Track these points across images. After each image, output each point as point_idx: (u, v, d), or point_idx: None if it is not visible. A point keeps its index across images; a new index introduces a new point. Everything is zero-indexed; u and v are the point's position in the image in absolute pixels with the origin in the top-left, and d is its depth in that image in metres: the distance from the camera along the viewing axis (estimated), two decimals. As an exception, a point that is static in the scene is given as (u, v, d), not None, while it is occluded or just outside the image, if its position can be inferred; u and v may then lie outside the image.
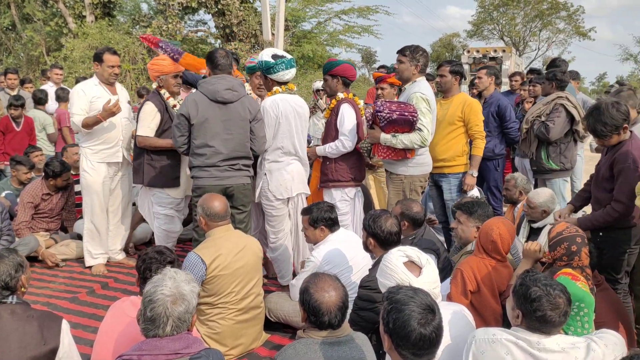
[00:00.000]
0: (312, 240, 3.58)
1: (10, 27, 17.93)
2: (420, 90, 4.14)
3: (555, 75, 5.11)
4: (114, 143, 4.66)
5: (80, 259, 5.02)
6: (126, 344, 2.45)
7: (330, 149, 4.25)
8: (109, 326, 2.63)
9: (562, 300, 2.08)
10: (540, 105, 5.11)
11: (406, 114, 4.02)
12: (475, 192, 4.83)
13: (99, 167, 4.63)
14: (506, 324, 2.57)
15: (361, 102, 4.52)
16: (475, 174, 4.58)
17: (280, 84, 4.14)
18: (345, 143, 4.19)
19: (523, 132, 5.18)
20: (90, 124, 4.48)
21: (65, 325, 2.39)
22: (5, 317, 2.25)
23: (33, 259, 4.83)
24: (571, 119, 4.94)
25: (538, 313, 2.05)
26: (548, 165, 5.03)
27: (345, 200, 4.31)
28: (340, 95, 4.31)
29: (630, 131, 3.32)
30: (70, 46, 14.82)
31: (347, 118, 4.20)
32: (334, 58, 4.64)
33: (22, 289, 2.39)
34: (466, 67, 14.03)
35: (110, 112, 4.37)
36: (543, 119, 5.00)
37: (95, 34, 15.50)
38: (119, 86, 4.81)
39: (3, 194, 5.49)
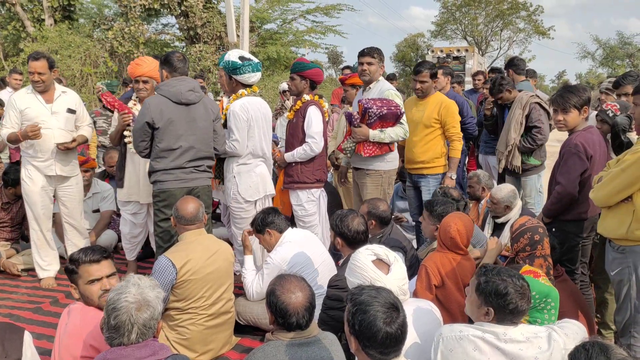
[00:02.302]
0: (267, 246, 3.61)
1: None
2: (391, 88, 4.30)
3: (502, 84, 5.23)
4: (46, 157, 4.41)
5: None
6: (63, 354, 2.38)
7: (299, 154, 4.26)
8: (55, 341, 2.52)
9: (526, 285, 2.15)
10: (517, 113, 5.07)
11: (392, 108, 4.13)
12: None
13: (35, 176, 4.43)
14: (472, 317, 2.63)
15: (326, 104, 4.55)
16: (454, 176, 4.63)
17: (245, 86, 4.13)
18: (313, 146, 4.22)
19: (504, 153, 5.10)
20: (12, 141, 4.35)
21: (27, 337, 2.32)
22: (-37, 330, 2.18)
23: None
24: (546, 114, 5.06)
25: (511, 306, 2.10)
26: (530, 163, 5.08)
27: (311, 201, 4.35)
28: (306, 97, 4.33)
29: (591, 126, 3.49)
30: (29, 50, 14.37)
31: (315, 121, 4.22)
32: (304, 58, 4.65)
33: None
34: (430, 66, 14.25)
35: (29, 137, 4.21)
36: (521, 122, 5.02)
37: (54, 37, 15.09)
38: (60, 91, 4.50)
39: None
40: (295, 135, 4.36)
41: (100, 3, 18.78)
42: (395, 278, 2.34)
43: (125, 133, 4.29)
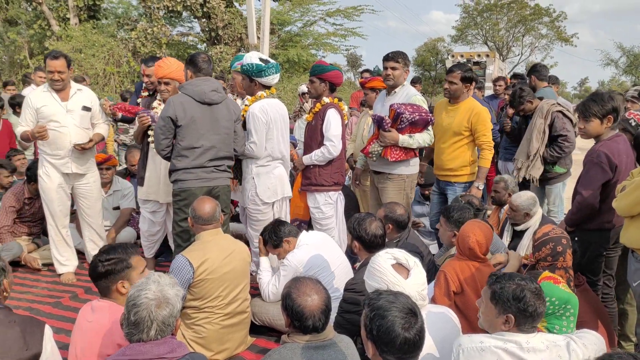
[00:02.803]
0: (286, 254, 3.57)
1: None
2: (417, 94, 4.30)
3: (522, 95, 5.15)
4: (62, 154, 4.46)
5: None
6: (89, 350, 2.41)
7: (317, 156, 4.26)
8: (74, 335, 2.57)
9: (539, 286, 2.13)
10: (538, 122, 4.99)
11: (424, 114, 4.15)
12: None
13: (52, 173, 4.49)
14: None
15: (345, 107, 4.55)
16: (481, 186, 4.46)
17: (264, 88, 4.16)
18: (331, 149, 4.22)
19: (525, 163, 5.03)
20: (24, 139, 4.44)
21: (48, 331, 2.36)
22: (-14, 322, 2.21)
23: (15, 264, 4.77)
24: (570, 121, 4.99)
25: (530, 308, 2.06)
26: (555, 171, 5.00)
27: (329, 204, 4.35)
28: (326, 99, 4.33)
29: (619, 134, 3.44)
30: (54, 49, 14.66)
31: (334, 124, 4.23)
32: (323, 61, 4.64)
33: (4, 293, 2.35)
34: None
35: (36, 138, 4.28)
36: (544, 131, 4.95)
37: (79, 36, 15.36)
38: (75, 89, 4.54)
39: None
40: (314, 137, 4.36)
41: (127, 4, 19.07)
42: (415, 283, 2.32)
43: (150, 132, 4.34)
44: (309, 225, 4.51)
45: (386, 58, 4.31)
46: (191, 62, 3.90)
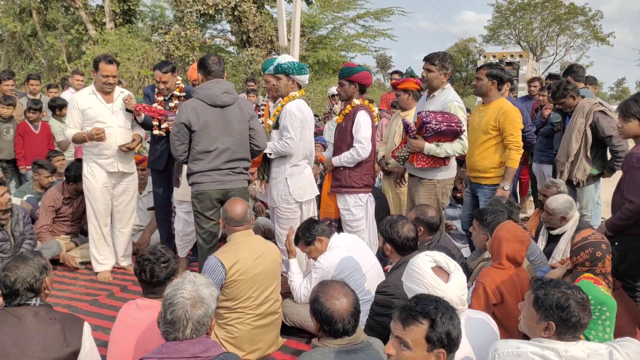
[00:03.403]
0: (317, 255, 3.58)
1: (32, 34, 18.27)
2: (456, 99, 4.11)
3: (567, 88, 5.02)
4: (109, 154, 4.60)
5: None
6: (139, 347, 2.49)
7: (346, 158, 4.26)
8: (116, 331, 2.67)
9: (586, 297, 2.07)
10: (578, 122, 4.88)
11: (453, 124, 3.96)
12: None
13: (98, 173, 4.62)
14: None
15: (376, 109, 4.53)
16: (507, 187, 4.34)
17: (298, 88, 4.25)
18: (360, 151, 4.21)
19: (566, 164, 4.93)
20: (78, 141, 4.54)
21: (86, 328, 2.42)
22: (28, 319, 2.28)
23: (54, 262, 4.90)
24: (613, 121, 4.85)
25: (573, 319, 2.02)
26: (591, 172, 4.89)
27: (359, 206, 4.34)
28: (356, 101, 4.33)
29: None
30: (91, 53, 15.05)
31: (364, 126, 4.22)
32: (351, 62, 4.63)
33: (46, 291, 2.42)
34: (483, 72, 13.97)
35: (94, 139, 4.40)
36: (584, 132, 4.83)
37: (115, 40, 15.73)
38: (118, 92, 4.69)
39: (25, 198, 5.60)
40: (344, 139, 4.36)
41: (162, 7, 19.46)
42: (456, 287, 2.27)
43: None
44: (339, 224, 4.51)
45: (424, 59, 4.23)
46: (201, 65, 3.93)
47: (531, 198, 7.20)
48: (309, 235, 3.56)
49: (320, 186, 4.78)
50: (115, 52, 15.31)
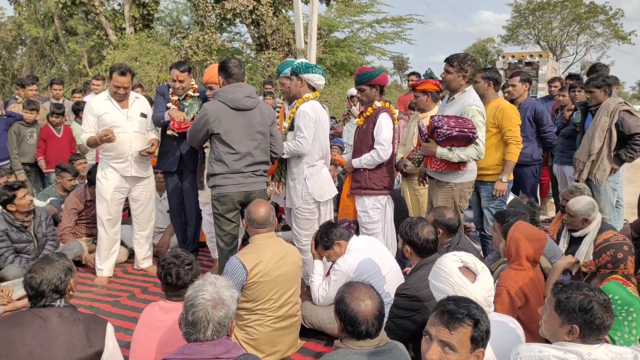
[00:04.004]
0: (336, 258, 3.57)
1: (54, 40, 18.63)
2: (475, 103, 4.05)
3: (605, 81, 4.96)
4: (124, 158, 4.66)
5: (120, 264, 5.17)
6: (160, 349, 2.53)
7: (367, 160, 4.26)
8: (140, 332, 2.71)
9: (608, 298, 2.04)
10: (602, 120, 4.82)
11: (465, 130, 3.90)
12: (510, 197, 4.76)
13: (111, 177, 4.67)
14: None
15: (397, 112, 4.52)
16: (505, 179, 4.45)
17: (311, 89, 4.22)
18: (381, 153, 4.20)
19: (587, 163, 4.87)
20: (91, 144, 4.58)
21: (109, 329, 2.45)
22: (53, 319, 2.31)
23: (76, 263, 4.97)
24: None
25: (597, 321, 1.99)
26: None
27: (377, 208, 4.32)
28: (378, 103, 4.31)
29: None
30: (111, 58, 15.28)
31: (386, 128, 4.21)
32: (367, 67, 4.62)
33: (70, 292, 2.46)
34: (501, 72, 13.84)
35: (104, 141, 4.44)
36: (608, 130, 4.78)
37: (134, 45, 15.94)
38: (134, 97, 4.75)
39: (48, 201, 5.71)
40: (365, 141, 4.35)
41: (180, 12, 19.67)
42: (483, 288, 2.26)
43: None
44: (357, 225, 4.50)
45: (445, 60, 4.20)
46: (222, 68, 3.95)
47: (552, 200, 7.11)
48: (327, 239, 3.56)
49: (339, 188, 4.78)
50: (134, 57, 15.52)
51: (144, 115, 4.78)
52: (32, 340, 2.26)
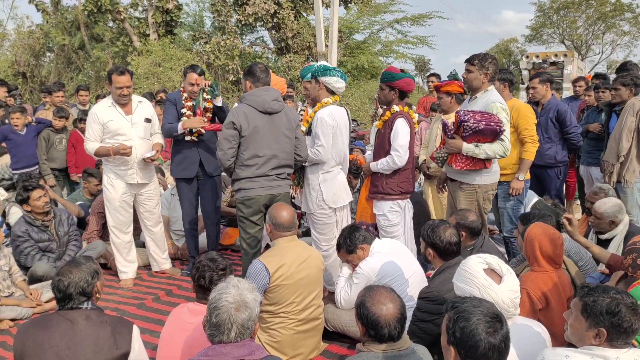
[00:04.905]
0: (359, 262, 3.56)
1: (80, 47, 19.04)
2: (499, 100, 4.02)
3: (634, 80, 4.86)
4: (129, 165, 4.65)
5: (145, 267, 5.25)
6: (186, 350, 2.57)
7: (382, 165, 4.22)
8: (168, 334, 2.76)
9: (635, 301, 2.00)
10: (628, 120, 4.72)
11: (492, 124, 3.87)
12: (533, 198, 4.69)
13: (117, 184, 4.68)
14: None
15: (416, 116, 4.44)
16: (522, 177, 4.45)
17: (330, 93, 4.18)
18: (396, 159, 4.13)
19: (616, 165, 4.79)
20: (101, 154, 4.57)
21: (136, 331, 2.49)
22: (80, 322, 2.36)
23: (103, 266, 5.07)
24: None
25: (625, 324, 1.95)
26: None
27: (395, 211, 4.26)
28: (395, 108, 4.24)
29: None
30: (135, 63, 15.54)
31: (402, 134, 4.13)
32: (394, 67, 4.54)
33: (97, 295, 2.51)
34: (525, 72, 13.65)
35: (120, 154, 4.47)
36: (636, 130, 4.68)
37: (158, 51, 16.18)
38: (137, 102, 4.70)
39: (76, 204, 5.83)
40: (382, 145, 4.32)
41: (202, 17, 19.91)
42: (509, 289, 2.24)
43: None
44: (375, 228, 4.48)
45: (465, 61, 4.17)
46: (250, 72, 3.97)
47: (578, 202, 6.98)
48: (350, 243, 3.56)
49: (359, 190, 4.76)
50: (158, 62, 15.74)
51: (148, 120, 4.76)
52: (60, 342, 2.30)
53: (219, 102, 4.84)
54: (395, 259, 3.46)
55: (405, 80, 4.25)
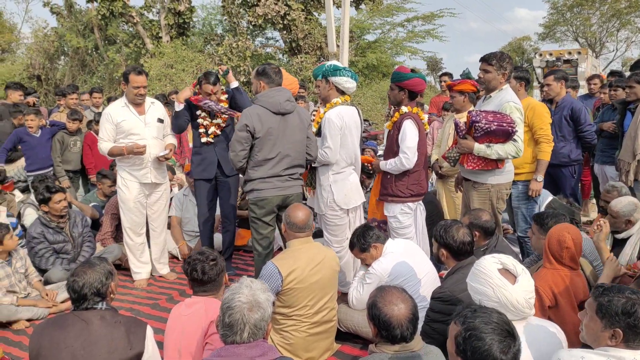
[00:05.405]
0: (372, 261, 3.55)
1: (94, 48, 19.25)
2: (513, 100, 3.97)
3: None
4: (143, 165, 4.69)
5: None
6: (180, 337, 2.71)
7: (390, 165, 4.18)
8: (168, 328, 2.86)
9: None
10: None
11: (504, 124, 3.82)
12: (548, 197, 4.65)
13: (131, 185, 4.71)
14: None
15: (425, 117, 4.39)
16: (540, 178, 4.44)
17: (340, 92, 4.16)
18: (404, 161, 4.08)
19: (633, 164, 4.70)
20: (115, 154, 4.61)
21: (149, 331, 2.50)
22: (95, 322, 2.38)
23: (117, 267, 5.10)
24: None
25: None
26: None
27: (406, 213, 4.21)
28: (404, 109, 4.19)
29: None
30: (148, 65, 15.66)
31: (409, 135, 4.07)
32: (405, 67, 4.48)
33: (112, 295, 2.53)
34: (539, 70, 13.53)
35: (135, 153, 4.52)
36: None
37: (170, 53, 16.30)
38: (149, 102, 4.78)
39: (90, 206, 5.88)
40: (391, 147, 4.28)
41: (213, 18, 20.01)
42: (523, 289, 2.22)
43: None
44: (385, 224, 4.46)
45: (480, 59, 4.10)
46: (264, 73, 3.98)
47: (594, 201, 6.91)
48: (364, 242, 3.54)
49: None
50: (170, 64, 15.85)
51: (160, 121, 4.81)
52: (75, 342, 2.32)
53: (234, 84, 4.90)
54: (408, 259, 3.45)
55: (415, 80, 4.19)
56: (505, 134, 3.85)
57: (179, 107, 4.80)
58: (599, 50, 35.60)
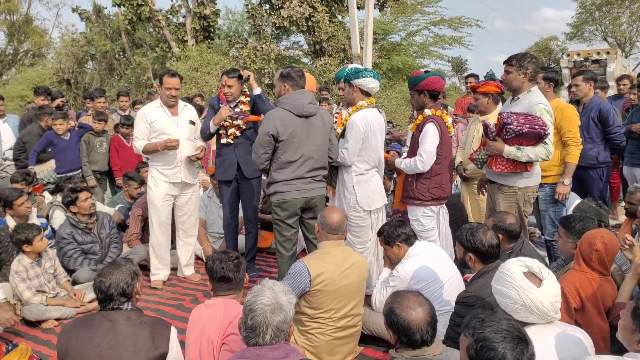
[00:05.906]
0: (393, 259, 3.56)
1: (121, 51, 19.61)
2: (543, 102, 3.91)
3: None
4: (174, 164, 4.78)
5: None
6: (199, 336, 2.72)
7: (405, 165, 4.15)
8: (189, 330, 2.86)
9: None
10: None
11: (536, 127, 3.76)
12: (575, 200, 4.56)
13: (161, 184, 4.79)
14: (614, 344, 2.40)
15: (449, 119, 4.33)
16: (567, 182, 4.34)
17: (364, 94, 4.13)
18: (419, 164, 4.04)
19: None
20: (149, 151, 4.72)
21: (173, 332, 2.53)
22: (121, 322, 2.42)
23: (142, 267, 5.18)
24: None
25: None
26: None
27: (428, 216, 4.17)
28: (427, 111, 4.14)
29: None
30: (174, 69, 15.88)
31: (429, 139, 4.03)
32: (417, 71, 4.43)
33: (137, 296, 2.57)
34: (566, 71, 13.27)
35: (168, 148, 4.60)
36: None
37: (195, 56, 16.51)
38: (182, 105, 4.90)
39: (117, 207, 5.99)
40: (414, 149, 4.24)
41: (238, 22, 20.20)
42: (549, 293, 2.19)
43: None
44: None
45: (504, 62, 4.07)
46: (289, 76, 4.01)
47: (623, 203, 6.75)
48: (392, 235, 3.53)
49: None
50: (195, 67, 16.06)
51: (192, 123, 4.93)
52: (102, 342, 2.36)
53: (257, 90, 4.94)
54: (432, 262, 3.42)
55: (430, 79, 4.14)
56: (537, 137, 3.79)
57: (213, 129, 4.90)
58: (628, 50, 34.77)
